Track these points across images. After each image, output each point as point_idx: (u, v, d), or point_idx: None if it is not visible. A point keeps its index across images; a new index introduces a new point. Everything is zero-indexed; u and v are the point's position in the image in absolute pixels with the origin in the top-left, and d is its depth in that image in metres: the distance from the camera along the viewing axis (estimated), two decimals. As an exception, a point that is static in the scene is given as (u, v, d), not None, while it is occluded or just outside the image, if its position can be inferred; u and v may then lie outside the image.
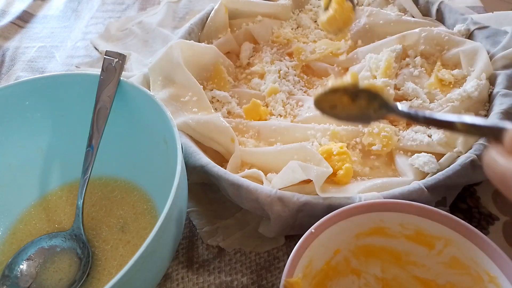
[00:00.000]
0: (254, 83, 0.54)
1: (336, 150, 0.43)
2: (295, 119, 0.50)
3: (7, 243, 0.41)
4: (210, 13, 0.59)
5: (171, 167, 0.33)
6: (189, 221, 0.44)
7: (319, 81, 0.55)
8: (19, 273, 0.38)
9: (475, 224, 0.41)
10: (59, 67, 0.66)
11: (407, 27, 0.55)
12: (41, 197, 0.44)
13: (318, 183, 0.39)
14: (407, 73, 0.51)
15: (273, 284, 0.39)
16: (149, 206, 0.43)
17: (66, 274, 0.38)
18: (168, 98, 0.47)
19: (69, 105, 0.43)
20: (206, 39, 0.58)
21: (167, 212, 0.30)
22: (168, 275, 0.40)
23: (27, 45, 0.71)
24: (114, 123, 0.41)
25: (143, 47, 0.68)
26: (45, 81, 0.42)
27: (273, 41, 0.60)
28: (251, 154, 0.44)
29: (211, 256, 0.41)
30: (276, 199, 0.37)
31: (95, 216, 0.43)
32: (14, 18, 0.76)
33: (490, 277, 0.29)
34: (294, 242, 0.30)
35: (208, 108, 0.48)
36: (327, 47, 0.58)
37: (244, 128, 0.48)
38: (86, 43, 0.71)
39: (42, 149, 0.45)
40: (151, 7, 0.77)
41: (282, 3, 0.63)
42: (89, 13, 0.78)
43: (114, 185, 0.45)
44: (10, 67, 0.67)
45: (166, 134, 0.37)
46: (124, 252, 0.39)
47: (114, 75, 0.41)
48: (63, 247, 0.40)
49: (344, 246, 0.33)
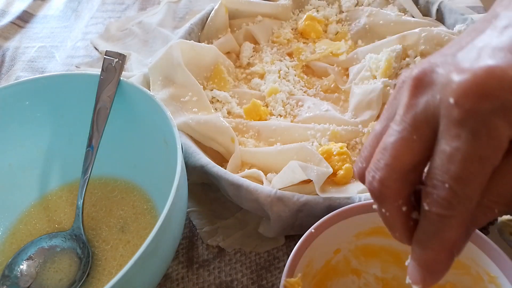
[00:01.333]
0: (254, 83, 0.54)
1: (336, 150, 0.43)
2: (295, 119, 0.50)
3: (7, 243, 0.41)
4: (210, 13, 0.59)
5: (171, 167, 0.33)
6: (189, 221, 0.44)
7: (319, 81, 0.55)
8: (19, 273, 0.38)
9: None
10: (59, 67, 0.66)
11: (407, 27, 0.55)
12: (41, 197, 0.44)
13: (318, 183, 0.39)
14: (407, 73, 0.51)
15: (273, 284, 0.39)
16: (149, 206, 0.43)
17: (66, 274, 0.38)
18: (168, 98, 0.47)
19: (69, 105, 0.43)
20: (206, 39, 0.58)
21: (167, 212, 0.30)
22: (168, 275, 0.40)
23: (27, 45, 0.71)
24: (114, 123, 0.41)
25: (143, 47, 0.68)
26: (45, 81, 0.42)
27: (273, 41, 0.60)
28: (251, 154, 0.44)
29: (211, 256, 0.41)
30: (276, 199, 0.37)
31: (95, 216, 0.43)
32: (14, 18, 0.76)
33: (490, 277, 0.29)
34: (294, 242, 0.30)
35: (208, 108, 0.48)
36: (327, 47, 0.58)
37: (244, 128, 0.48)
38: (86, 43, 0.71)
39: (42, 149, 0.45)
40: (151, 7, 0.77)
41: (282, 3, 0.63)
42: (89, 13, 0.78)
43: (114, 185, 0.45)
44: (10, 67, 0.67)
45: (166, 134, 0.37)
46: (124, 252, 0.39)
47: (114, 75, 0.41)
48: (63, 247, 0.40)
49: (344, 246, 0.33)
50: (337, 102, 0.52)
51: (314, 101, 0.51)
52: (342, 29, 0.61)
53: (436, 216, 0.20)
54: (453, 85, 0.18)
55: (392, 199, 0.21)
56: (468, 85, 0.18)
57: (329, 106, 0.50)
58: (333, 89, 0.54)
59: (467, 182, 0.18)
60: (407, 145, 0.20)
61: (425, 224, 0.21)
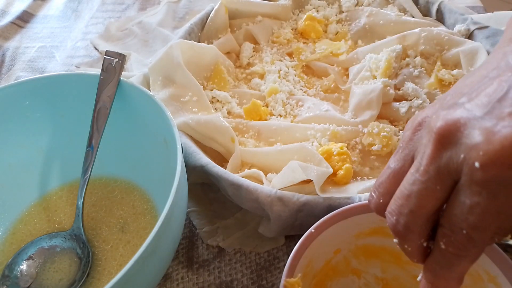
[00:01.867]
0: (254, 83, 0.54)
1: (336, 150, 0.43)
2: (295, 119, 0.50)
3: (7, 243, 0.41)
4: (210, 13, 0.59)
5: (171, 167, 0.33)
6: (189, 221, 0.44)
7: (319, 81, 0.55)
8: (19, 273, 0.38)
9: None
10: (59, 67, 0.66)
11: (407, 27, 0.55)
12: (41, 197, 0.44)
13: (318, 183, 0.39)
14: (407, 73, 0.51)
15: (273, 284, 0.39)
16: (149, 206, 0.43)
17: (66, 274, 0.38)
18: (168, 98, 0.47)
19: (69, 105, 0.43)
20: (206, 39, 0.58)
21: (167, 212, 0.30)
22: (168, 275, 0.40)
23: (27, 45, 0.71)
24: (114, 123, 0.41)
25: (143, 47, 0.68)
26: (45, 81, 0.42)
27: (273, 41, 0.60)
28: (251, 154, 0.44)
29: (211, 256, 0.41)
30: (276, 199, 0.37)
31: (95, 216, 0.43)
32: (14, 18, 0.76)
33: (490, 277, 0.29)
34: (294, 242, 0.30)
35: (208, 108, 0.48)
36: (327, 47, 0.58)
37: (244, 128, 0.48)
38: (86, 43, 0.71)
39: (42, 149, 0.45)
40: (151, 7, 0.77)
41: (282, 3, 0.63)
42: (89, 13, 0.78)
43: (114, 185, 0.45)
44: (10, 67, 0.67)
45: (166, 134, 0.37)
46: (124, 252, 0.39)
47: (114, 75, 0.41)
48: (63, 247, 0.40)
49: (344, 246, 0.33)
50: (337, 102, 0.52)
51: (314, 101, 0.51)
52: (342, 29, 0.61)
53: (451, 255, 0.22)
54: (480, 152, 0.20)
55: (416, 239, 0.24)
56: (495, 155, 0.20)
57: (329, 106, 0.50)
58: (333, 89, 0.54)
59: (482, 231, 0.21)
60: (431, 195, 0.23)
61: (440, 258, 0.23)
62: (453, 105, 0.23)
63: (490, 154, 0.20)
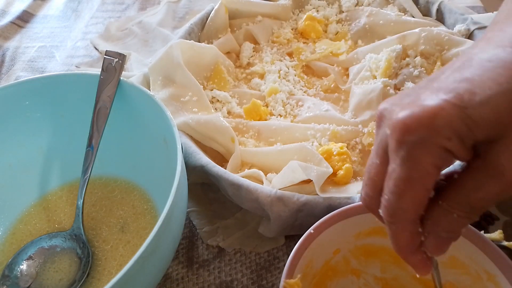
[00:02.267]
0: (254, 83, 0.54)
1: (336, 150, 0.43)
2: (295, 119, 0.50)
3: (7, 243, 0.41)
4: (210, 13, 0.59)
5: (171, 167, 0.33)
6: (189, 221, 0.44)
7: (319, 81, 0.55)
8: (19, 273, 0.38)
9: (475, 224, 0.41)
10: (59, 67, 0.66)
11: (407, 27, 0.55)
12: (41, 197, 0.44)
13: (318, 183, 0.39)
14: (407, 73, 0.51)
15: (273, 284, 0.39)
16: (149, 206, 0.43)
17: (66, 274, 0.38)
18: (168, 98, 0.47)
19: (69, 105, 0.43)
20: (206, 39, 0.58)
21: (167, 212, 0.30)
22: (168, 275, 0.40)
23: (27, 45, 0.71)
24: (114, 123, 0.41)
25: (143, 47, 0.68)
26: (45, 81, 0.42)
27: (273, 41, 0.60)
28: (251, 154, 0.44)
29: (211, 256, 0.41)
30: (276, 199, 0.37)
31: (95, 216, 0.43)
32: (14, 18, 0.76)
33: (489, 276, 0.29)
34: (294, 242, 0.30)
35: (208, 108, 0.48)
36: (327, 47, 0.58)
37: (244, 128, 0.48)
38: (86, 43, 0.71)
39: (42, 149, 0.45)
40: (151, 7, 0.77)
41: (282, 3, 0.63)
42: (89, 13, 0.78)
43: (114, 185, 0.45)
44: (10, 67, 0.67)
45: (166, 134, 0.37)
46: (124, 252, 0.39)
47: (114, 75, 0.41)
48: (63, 247, 0.40)
49: (343, 246, 0.33)
50: (337, 102, 0.53)
51: (314, 101, 0.51)
52: (342, 29, 0.61)
53: (386, 222, 0.24)
54: (390, 121, 0.23)
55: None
56: (397, 121, 0.22)
57: (329, 106, 0.50)
58: (333, 89, 0.54)
59: (399, 197, 0.23)
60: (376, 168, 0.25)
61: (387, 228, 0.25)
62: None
63: (394, 121, 0.22)
